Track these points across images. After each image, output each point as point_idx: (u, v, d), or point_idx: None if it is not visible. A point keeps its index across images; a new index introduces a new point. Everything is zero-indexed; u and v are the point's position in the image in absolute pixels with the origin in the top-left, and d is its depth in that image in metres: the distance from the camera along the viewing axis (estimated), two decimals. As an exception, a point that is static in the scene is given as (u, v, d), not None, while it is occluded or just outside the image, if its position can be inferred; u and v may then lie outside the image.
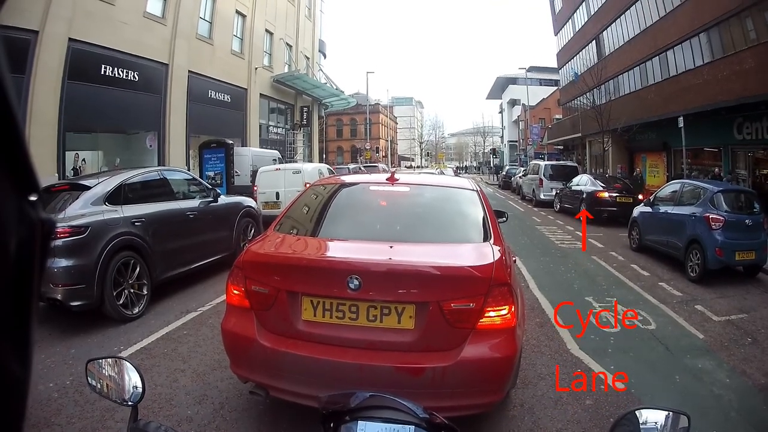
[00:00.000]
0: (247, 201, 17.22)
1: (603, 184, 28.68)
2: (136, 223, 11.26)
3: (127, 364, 2.62)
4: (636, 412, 2.26)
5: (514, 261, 7.33)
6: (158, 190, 12.84)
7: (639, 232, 19.22)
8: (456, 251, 6.15)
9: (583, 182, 30.36)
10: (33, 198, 0.84)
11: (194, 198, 14.02)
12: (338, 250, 6.41)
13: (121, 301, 10.58)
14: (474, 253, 5.98)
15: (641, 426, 2.23)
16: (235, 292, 6.03)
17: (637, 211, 20.00)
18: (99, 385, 2.68)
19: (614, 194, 27.46)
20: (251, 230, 16.37)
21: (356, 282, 5.32)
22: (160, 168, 15.63)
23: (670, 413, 2.26)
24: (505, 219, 10.76)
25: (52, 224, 0.90)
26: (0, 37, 0.85)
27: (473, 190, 7.77)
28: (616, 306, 11.92)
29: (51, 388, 7.51)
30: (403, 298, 5.44)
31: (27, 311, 0.85)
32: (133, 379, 2.58)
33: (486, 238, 6.37)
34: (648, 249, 18.46)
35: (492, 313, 5.35)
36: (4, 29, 21.29)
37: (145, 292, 11.27)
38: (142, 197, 12.05)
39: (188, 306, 11.61)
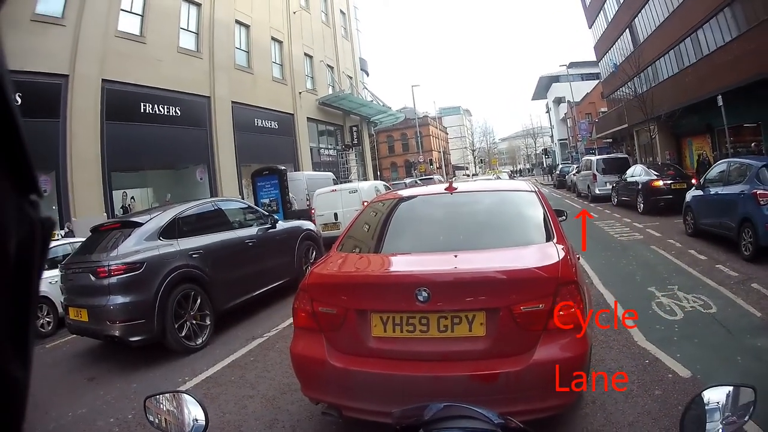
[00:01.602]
0: (307, 224, 17.26)
1: (656, 173, 28.02)
2: (193, 255, 11.35)
3: (187, 397, 2.64)
4: (702, 393, 2.28)
5: (578, 258, 7.32)
6: (214, 221, 12.90)
7: (693, 216, 18.88)
8: (521, 254, 6.08)
9: (638, 173, 29.70)
10: (33, 198, 0.86)
11: (252, 226, 14.02)
12: (403, 263, 6.43)
13: (183, 333, 10.67)
14: (539, 254, 5.95)
15: (706, 407, 2.24)
16: (302, 314, 6.00)
17: (689, 195, 19.58)
18: (158, 420, 2.70)
19: (668, 182, 26.79)
20: (313, 253, 16.30)
21: (425, 294, 5.26)
22: (213, 199, 15.77)
23: (732, 388, 2.28)
24: (564, 218, 10.63)
25: (52, 224, 0.90)
26: (0, 37, 0.85)
27: (531, 191, 7.72)
28: (677, 293, 11.79)
29: (112, 423, 7.64)
30: (472, 305, 5.36)
31: (27, 311, 0.86)
32: (193, 411, 2.59)
33: (549, 238, 6.33)
34: (703, 233, 18.16)
35: (561, 313, 5.24)
36: (32, 75, 21.61)
37: (208, 323, 11.33)
38: (197, 229, 12.12)
39: (254, 333, 11.62)
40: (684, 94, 37.45)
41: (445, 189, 7.81)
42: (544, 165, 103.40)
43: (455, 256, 5.89)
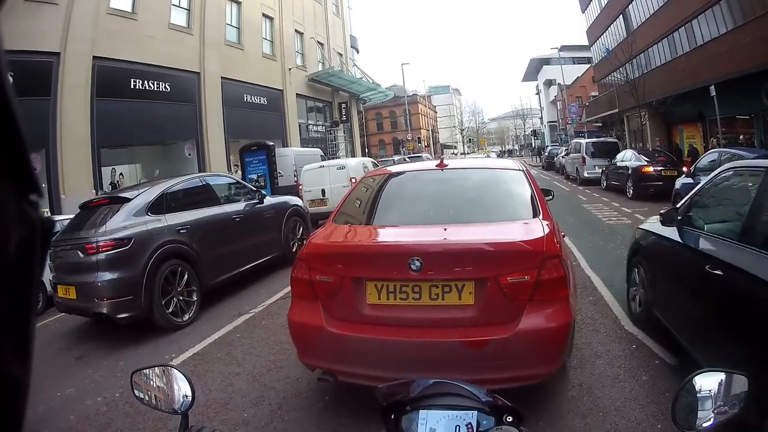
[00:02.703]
0: (294, 200, 17.26)
1: (647, 159, 28.22)
2: (181, 231, 11.34)
3: (175, 372, 2.58)
4: (694, 379, 2.24)
5: (563, 236, 7.46)
6: (201, 196, 12.90)
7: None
8: (508, 228, 6.37)
9: (628, 158, 29.91)
10: (33, 198, 0.84)
11: (239, 201, 14.05)
12: (397, 235, 6.74)
13: (170, 310, 10.65)
14: (525, 229, 6.19)
15: (697, 395, 2.21)
16: (300, 283, 6.31)
17: (679, 183, 19.71)
18: (147, 397, 2.65)
19: (659, 168, 26.90)
20: (300, 229, 16.41)
21: (417, 263, 5.58)
22: (201, 174, 15.56)
23: (725, 376, 2.24)
24: (551, 197, 10.42)
25: (52, 224, 0.90)
26: (0, 37, 0.85)
27: (519, 170, 7.94)
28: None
29: (99, 402, 7.62)
30: (462, 275, 5.67)
31: (27, 311, 0.85)
32: (182, 387, 2.54)
33: (535, 215, 6.56)
34: (693, 221, 17.75)
35: (546, 285, 5.57)
36: (24, 54, 21.64)
37: (195, 299, 11.33)
38: (185, 205, 12.10)
39: (240, 309, 11.63)
40: (677, 82, 37.63)
41: (437, 165, 8.08)
42: (533, 146, 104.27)
43: (445, 229, 6.19)
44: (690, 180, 18.48)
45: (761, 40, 26.41)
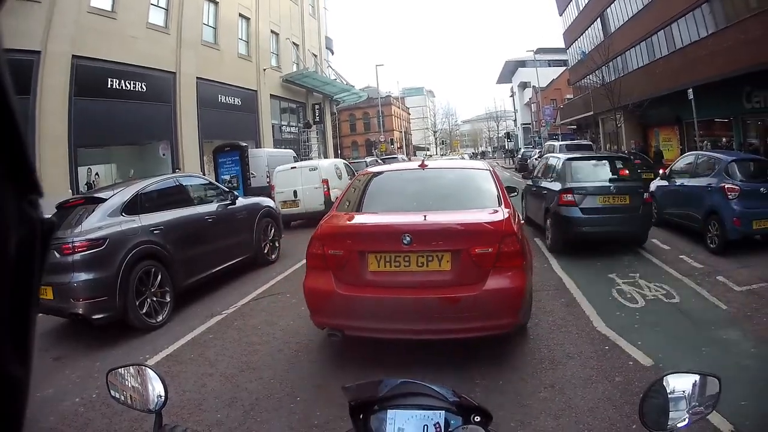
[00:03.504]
0: (266, 201, 17.27)
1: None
2: (154, 232, 11.30)
3: (149, 371, 2.60)
4: (663, 379, 2.27)
5: (522, 223, 9.73)
6: (175, 197, 12.87)
7: (657, 206, 18.92)
8: (476, 214, 8.27)
9: (603, 160, 29.65)
10: (33, 198, 0.85)
11: (212, 202, 14.04)
12: (391, 218, 8.40)
13: (144, 310, 10.62)
14: (489, 214, 8.12)
15: (670, 394, 2.24)
16: (315, 257, 8.02)
17: (653, 185, 19.73)
18: (122, 396, 2.66)
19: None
20: (272, 231, 16.44)
21: (408, 239, 7.39)
22: (175, 175, 15.70)
23: (699, 377, 2.27)
24: (516, 194, 13.27)
25: (52, 224, 0.90)
26: (0, 38, 0.87)
27: (487, 169, 9.94)
28: (639, 281, 11.93)
29: (77, 402, 7.60)
30: (441, 248, 7.54)
31: (27, 311, 0.86)
32: (156, 387, 2.56)
33: (498, 204, 8.49)
34: (667, 223, 18.34)
35: (504, 255, 7.43)
36: (5, 53, 21.59)
37: (168, 300, 11.30)
38: (159, 205, 12.08)
39: (212, 310, 11.65)
40: (654, 85, 37.87)
41: (419, 166, 9.88)
42: (506, 148, 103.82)
43: (425, 216, 7.94)
44: (665, 182, 18.74)
45: (744, 43, 26.68)
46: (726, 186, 14.60)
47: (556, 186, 16.16)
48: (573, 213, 15.06)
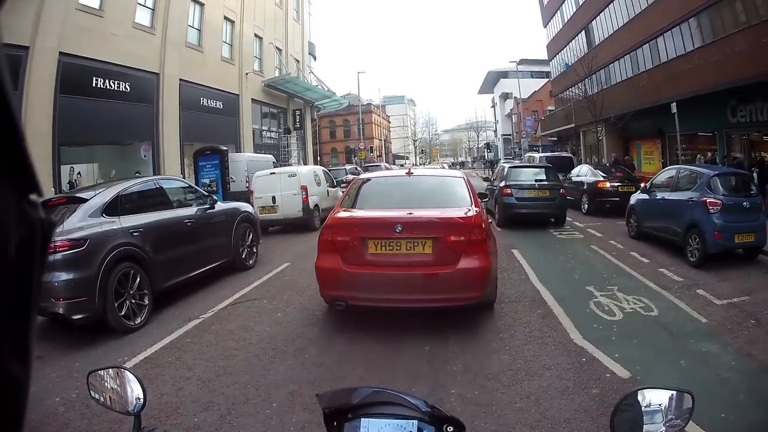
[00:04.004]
0: (244, 206, 17.32)
1: (604, 174, 28.26)
2: (134, 234, 11.30)
3: (128, 374, 2.62)
4: (638, 392, 2.27)
5: (490, 222, 13.35)
6: (155, 199, 12.87)
7: (637, 219, 19.12)
8: (452, 211, 10.27)
9: (584, 173, 30.05)
10: (33, 198, 0.85)
11: (191, 206, 14.07)
12: (385, 213, 10.36)
13: (123, 312, 10.59)
14: (462, 211, 10.22)
15: (644, 408, 2.23)
16: (326, 242, 9.95)
17: (634, 198, 19.89)
18: (102, 398, 2.69)
19: (616, 184, 26.94)
20: (249, 236, 16.47)
21: (399, 228, 9.47)
22: (155, 177, 15.65)
23: (674, 392, 2.26)
24: (487, 199, 19.22)
25: (52, 224, 0.90)
26: (0, 38, 0.88)
27: (461, 177, 12.14)
28: (617, 294, 11.94)
29: (57, 402, 7.56)
30: (425, 236, 9.59)
31: (27, 311, 0.86)
32: (135, 389, 2.59)
33: (470, 204, 10.55)
34: (647, 236, 18.36)
35: (473, 243, 9.48)
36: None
37: (147, 302, 11.28)
38: (139, 207, 12.08)
39: (190, 314, 11.64)
40: (637, 98, 38.03)
41: (406, 174, 12.34)
42: (486, 159, 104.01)
43: (410, 212, 9.97)
44: (645, 196, 18.72)
45: (730, 57, 26.84)
46: (708, 200, 14.67)
47: (502, 183, 24.20)
48: (510, 200, 23.46)
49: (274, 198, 24.38)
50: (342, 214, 10.71)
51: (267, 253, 17.87)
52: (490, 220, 13.70)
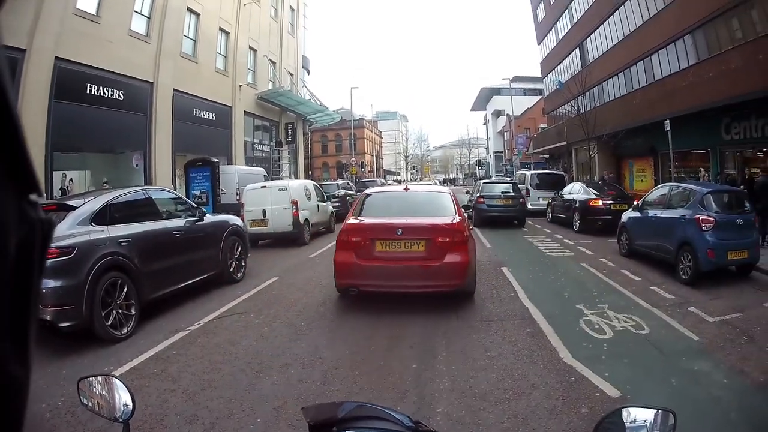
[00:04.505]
0: (234, 219, 17.36)
1: (596, 192, 28.27)
2: (122, 243, 11.30)
3: (117, 382, 2.66)
4: (622, 410, 2.30)
5: (472, 229, 16.80)
6: (144, 209, 12.91)
7: (628, 237, 19.13)
8: (440, 219, 12.76)
9: (576, 190, 30.06)
10: (33, 198, 0.87)
11: (180, 217, 14.11)
12: (389, 220, 12.65)
13: (109, 322, 10.57)
14: (448, 219, 12.75)
15: (627, 425, 2.26)
16: (343, 241, 12.42)
17: (625, 216, 19.94)
18: (90, 404, 2.72)
19: (608, 202, 26.93)
20: (238, 249, 16.51)
21: (400, 231, 11.97)
22: (145, 187, 15.77)
23: (658, 411, 2.28)
24: (471, 210, 23.24)
25: (51, 224, 0.91)
26: (0, 39, 0.92)
27: (448, 192, 14.90)
28: (607, 312, 11.93)
29: (44, 408, 7.50)
30: (419, 237, 12.06)
31: (27, 311, 0.87)
32: (123, 397, 2.62)
33: (454, 214, 13.06)
34: (638, 254, 18.39)
35: (456, 243, 12.02)
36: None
37: (134, 312, 11.27)
38: (128, 217, 12.11)
39: (177, 326, 11.63)
40: (630, 116, 38.14)
41: (404, 189, 15.64)
42: (477, 176, 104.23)
43: (407, 220, 12.40)
44: (637, 213, 18.75)
45: (726, 74, 26.91)
46: (701, 217, 14.70)
47: (477, 194, 32.38)
48: (483, 207, 31.06)
49: (264, 212, 24.51)
50: (353, 220, 13.18)
51: (255, 267, 17.92)
52: (471, 227, 17.87)
